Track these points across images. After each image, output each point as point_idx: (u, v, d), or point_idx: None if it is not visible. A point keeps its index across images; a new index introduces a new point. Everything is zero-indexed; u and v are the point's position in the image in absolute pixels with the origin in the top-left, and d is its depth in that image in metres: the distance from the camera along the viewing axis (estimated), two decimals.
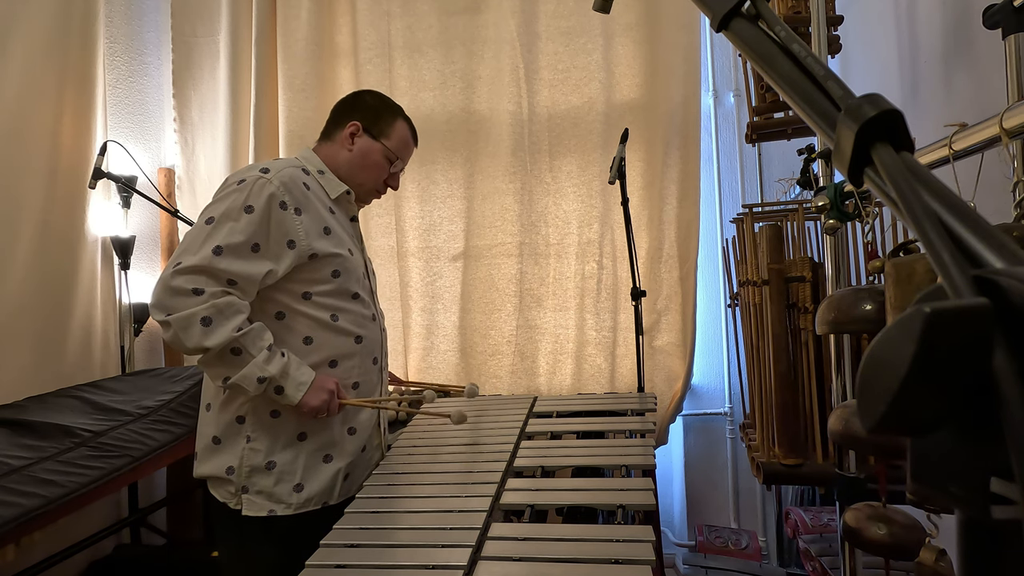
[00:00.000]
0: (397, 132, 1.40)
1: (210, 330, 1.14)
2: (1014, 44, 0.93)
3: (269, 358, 1.18)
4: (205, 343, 1.14)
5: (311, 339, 1.28)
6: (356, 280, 1.34)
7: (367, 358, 1.37)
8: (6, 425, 1.67)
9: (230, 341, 1.15)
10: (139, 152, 2.56)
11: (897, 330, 0.23)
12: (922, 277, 0.78)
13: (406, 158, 1.44)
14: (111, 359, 2.37)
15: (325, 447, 1.30)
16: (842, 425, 0.95)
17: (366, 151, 1.38)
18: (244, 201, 1.20)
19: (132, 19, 2.68)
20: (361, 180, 1.39)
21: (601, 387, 2.54)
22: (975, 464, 0.23)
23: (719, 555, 2.44)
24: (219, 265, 1.16)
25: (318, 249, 1.26)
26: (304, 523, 1.25)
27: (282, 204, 1.22)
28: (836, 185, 1.17)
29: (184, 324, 1.14)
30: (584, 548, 0.91)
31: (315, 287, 1.28)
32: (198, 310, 1.14)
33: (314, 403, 1.21)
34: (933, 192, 0.28)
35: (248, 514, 1.24)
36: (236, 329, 1.16)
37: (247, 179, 1.23)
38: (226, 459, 1.26)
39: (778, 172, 2.61)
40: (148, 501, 2.42)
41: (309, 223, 1.26)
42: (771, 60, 0.38)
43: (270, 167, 1.26)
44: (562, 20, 2.61)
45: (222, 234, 1.18)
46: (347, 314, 1.31)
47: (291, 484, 1.25)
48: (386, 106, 1.42)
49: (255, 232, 1.20)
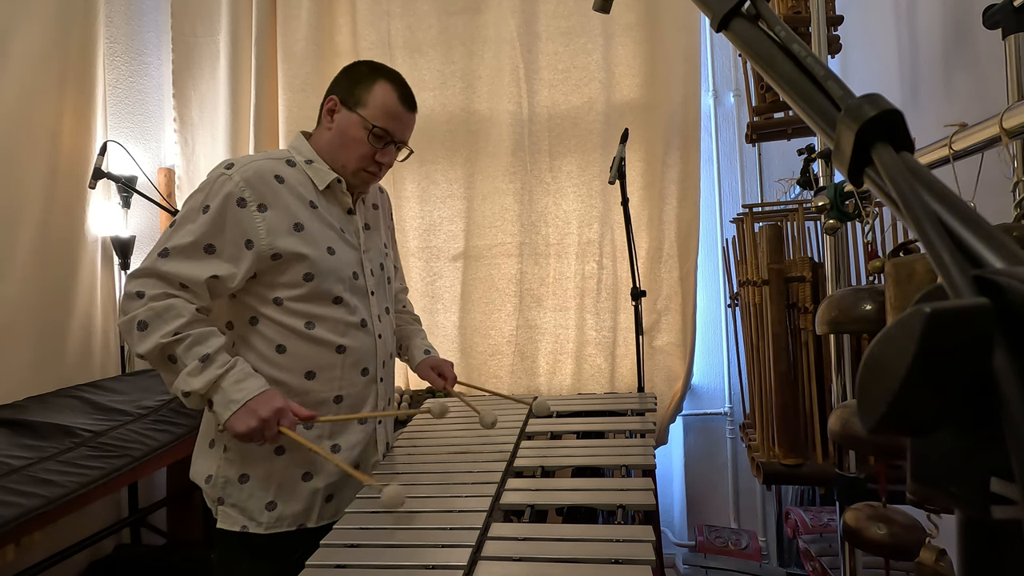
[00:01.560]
0: (376, 97, 1.23)
1: (144, 335, 1.08)
2: (1014, 44, 0.93)
3: (200, 368, 1.07)
4: (139, 348, 1.08)
5: (283, 347, 1.19)
6: (339, 281, 1.22)
7: (352, 370, 1.25)
8: (6, 425, 1.67)
9: (161, 347, 1.07)
10: (139, 152, 2.56)
11: (897, 330, 0.23)
12: (922, 277, 0.78)
13: (394, 127, 1.25)
14: (111, 359, 2.37)
15: (304, 464, 1.20)
16: (842, 425, 0.95)
17: (344, 126, 1.24)
18: (203, 200, 1.14)
19: (132, 19, 2.69)
20: (343, 160, 1.26)
21: (601, 387, 2.54)
22: (975, 464, 0.23)
23: (719, 555, 2.44)
24: (163, 267, 1.11)
25: (281, 248, 1.16)
26: (279, 543, 1.18)
27: (240, 201, 1.14)
28: (836, 185, 1.17)
29: (127, 328, 1.10)
30: (584, 548, 0.91)
31: (286, 292, 1.18)
32: (136, 314, 1.08)
33: (238, 428, 1.06)
34: (933, 192, 0.28)
35: (222, 527, 1.19)
36: (172, 334, 1.07)
37: (210, 176, 1.17)
38: (207, 467, 1.21)
39: (778, 172, 2.61)
40: (148, 501, 2.42)
41: (275, 220, 1.16)
42: (771, 60, 0.38)
43: (236, 162, 1.18)
44: (562, 20, 2.62)
45: (177, 236, 1.13)
46: (325, 321, 1.21)
47: (263, 501, 1.18)
48: (366, 72, 1.26)
49: (208, 232, 1.13)
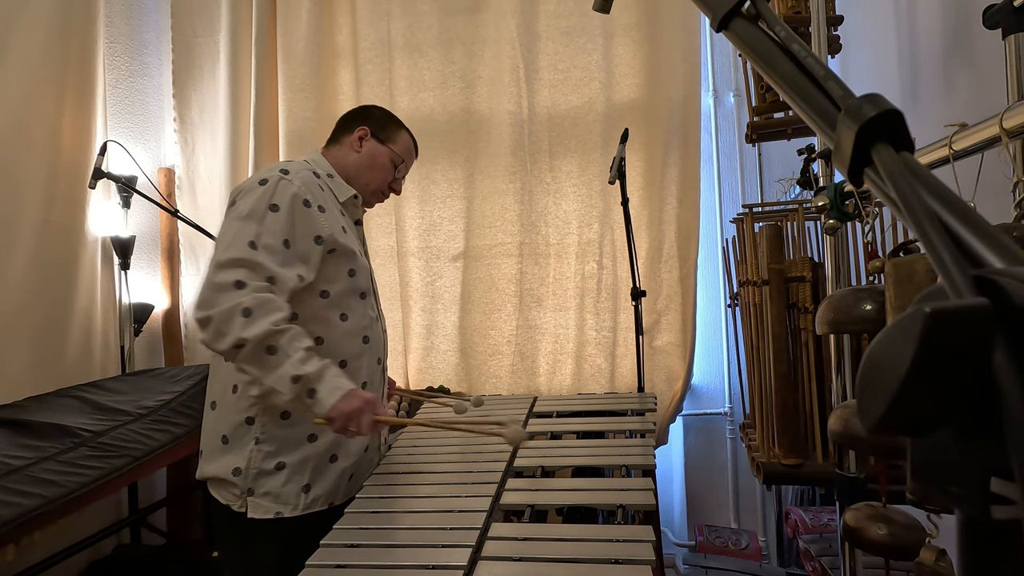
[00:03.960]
0: (402, 140, 1.48)
1: (250, 321, 1.11)
2: (1014, 44, 0.93)
3: (306, 358, 1.14)
4: (244, 334, 1.11)
5: (323, 339, 1.27)
6: (366, 279, 1.39)
7: (373, 358, 1.38)
8: (6, 425, 1.67)
9: (268, 335, 1.11)
10: (139, 152, 2.56)
11: (897, 330, 0.23)
12: (922, 277, 0.78)
13: (409, 164, 1.53)
14: (111, 359, 2.37)
15: (332, 447, 1.31)
16: (842, 425, 0.95)
17: (374, 153, 1.44)
18: (269, 200, 1.22)
19: (132, 19, 2.68)
20: (368, 180, 1.44)
21: (601, 387, 2.54)
22: (975, 464, 0.23)
23: (719, 555, 2.44)
24: (257, 259, 1.16)
25: (339, 244, 1.29)
26: (308, 524, 1.25)
27: (306, 202, 1.25)
28: (836, 185, 1.17)
29: (227, 316, 1.12)
30: (584, 548, 0.91)
31: (332, 285, 1.29)
32: (243, 300, 1.12)
33: (345, 408, 1.13)
34: (933, 192, 0.28)
35: (254, 516, 1.23)
36: (274, 323, 1.13)
37: (269, 179, 1.24)
38: (233, 460, 1.25)
39: (778, 172, 2.61)
40: (148, 501, 2.42)
41: (330, 220, 1.30)
42: (771, 60, 0.38)
43: (289, 168, 1.29)
44: (562, 20, 2.61)
45: (252, 231, 1.19)
46: (356, 314, 1.34)
47: (300, 485, 1.26)
48: (392, 118, 1.50)
49: (283, 229, 1.21)
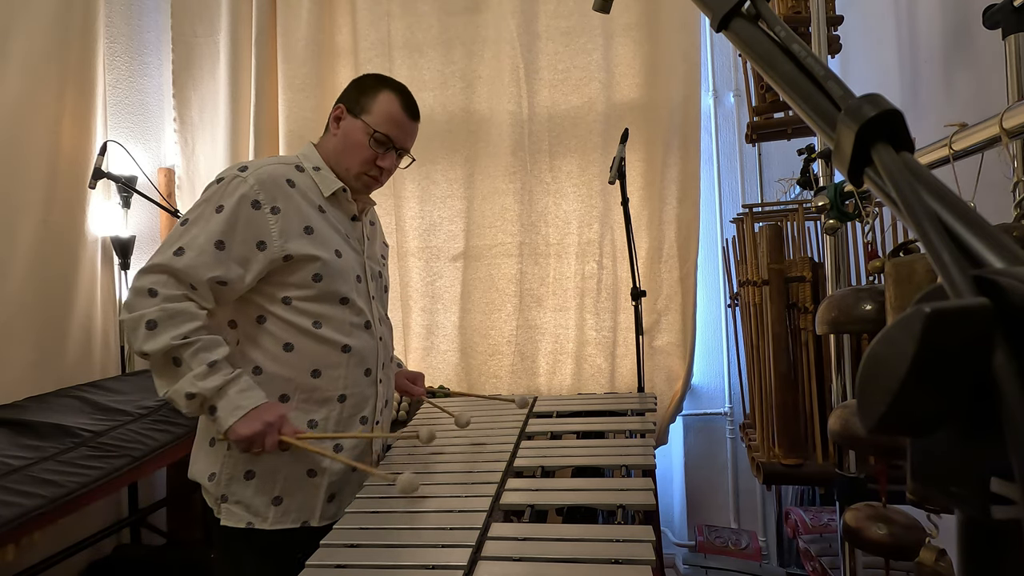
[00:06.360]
0: (379, 105, 1.30)
1: (152, 334, 1.09)
2: (1014, 44, 0.93)
3: (207, 373, 1.09)
4: (144, 347, 1.09)
5: (291, 345, 1.22)
6: (346, 283, 1.27)
7: (356, 369, 1.28)
8: (6, 425, 1.67)
9: (169, 349, 1.08)
10: (139, 152, 2.57)
11: (897, 330, 0.22)
12: (922, 277, 0.78)
13: (396, 133, 1.31)
14: (111, 359, 2.37)
15: (309, 461, 1.24)
16: (842, 425, 0.95)
17: (348, 131, 1.31)
18: (217, 201, 1.17)
19: (132, 19, 2.69)
20: (347, 164, 1.31)
21: (601, 387, 2.54)
22: (975, 464, 0.23)
23: (719, 555, 2.44)
24: (177, 265, 1.12)
25: (293, 251, 1.20)
26: (284, 540, 1.20)
27: (254, 203, 1.18)
28: (836, 185, 1.17)
29: (133, 325, 1.10)
30: (584, 548, 0.91)
31: (295, 291, 1.22)
32: (146, 312, 1.09)
33: (242, 432, 1.09)
34: (933, 192, 0.28)
35: (226, 524, 1.20)
36: (181, 337, 1.09)
37: (224, 177, 1.20)
38: (210, 465, 1.22)
39: (778, 172, 2.61)
40: (148, 501, 2.42)
41: (287, 223, 1.21)
42: (771, 60, 0.38)
43: (249, 165, 1.23)
44: (562, 20, 2.61)
45: (189, 234, 1.15)
46: (332, 321, 1.25)
47: (270, 496, 1.20)
48: (372, 82, 1.33)
49: (221, 231, 1.15)
